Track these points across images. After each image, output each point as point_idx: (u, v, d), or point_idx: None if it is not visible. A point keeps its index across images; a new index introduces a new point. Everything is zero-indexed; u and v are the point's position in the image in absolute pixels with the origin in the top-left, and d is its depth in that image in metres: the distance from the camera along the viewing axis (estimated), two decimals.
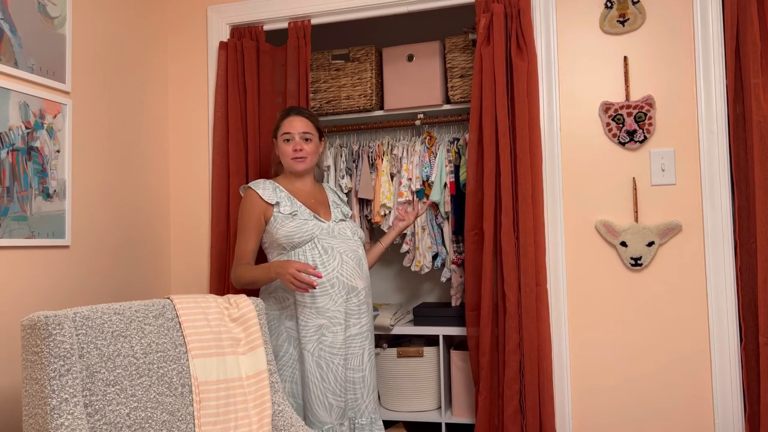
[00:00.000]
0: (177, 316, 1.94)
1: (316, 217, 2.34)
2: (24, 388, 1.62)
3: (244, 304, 2.11)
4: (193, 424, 1.84)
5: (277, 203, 2.32)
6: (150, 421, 1.75)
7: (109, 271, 2.55)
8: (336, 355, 2.26)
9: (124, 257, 2.63)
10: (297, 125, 2.39)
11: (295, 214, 2.31)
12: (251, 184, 2.37)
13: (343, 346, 2.28)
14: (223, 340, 1.99)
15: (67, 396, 1.58)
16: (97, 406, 1.65)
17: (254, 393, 1.99)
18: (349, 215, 2.52)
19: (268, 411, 1.99)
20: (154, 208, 2.85)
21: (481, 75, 2.51)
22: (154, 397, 1.78)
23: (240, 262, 2.33)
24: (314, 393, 2.24)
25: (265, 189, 2.34)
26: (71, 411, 1.57)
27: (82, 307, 1.73)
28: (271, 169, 2.63)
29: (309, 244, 2.29)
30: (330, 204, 2.46)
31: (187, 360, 1.89)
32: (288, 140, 2.39)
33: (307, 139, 2.39)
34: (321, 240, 2.30)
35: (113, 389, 1.70)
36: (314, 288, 2.15)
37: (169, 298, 1.98)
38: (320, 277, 2.16)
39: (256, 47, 2.82)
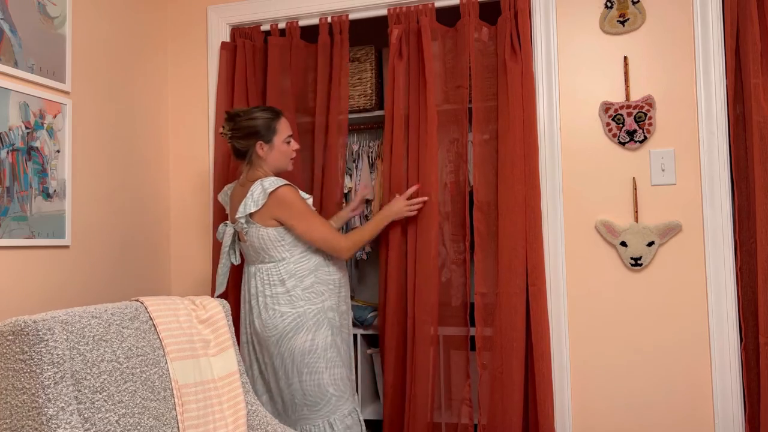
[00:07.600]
0: (150, 319, 1.88)
1: None
2: (2, 400, 1.50)
3: (211, 305, 2.06)
4: (177, 428, 1.79)
5: (307, 200, 2.32)
6: (138, 427, 1.68)
7: (109, 271, 2.55)
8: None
9: (124, 257, 2.63)
10: (290, 126, 2.42)
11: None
12: (278, 181, 2.24)
13: None
14: (195, 342, 1.95)
15: (63, 405, 1.49)
16: (86, 415, 1.55)
17: (227, 394, 1.96)
18: None
19: (242, 411, 1.96)
20: (154, 208, 2.85)
21: (478, 75, 2.52)
22: (140, 402, 1.72)
23: (339, 234, 2.38)
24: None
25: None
26: (68, 420, 1.49)
27: (58, 311, 1.64)
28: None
29: None
30: None
31: (166, 363, 1.84)
32: (289, 142, 2.38)
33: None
34: None
35: (101, 396, 1.61)
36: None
37: (138, 300, 1.92)
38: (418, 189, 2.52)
39: (257, 47, 2.82)
